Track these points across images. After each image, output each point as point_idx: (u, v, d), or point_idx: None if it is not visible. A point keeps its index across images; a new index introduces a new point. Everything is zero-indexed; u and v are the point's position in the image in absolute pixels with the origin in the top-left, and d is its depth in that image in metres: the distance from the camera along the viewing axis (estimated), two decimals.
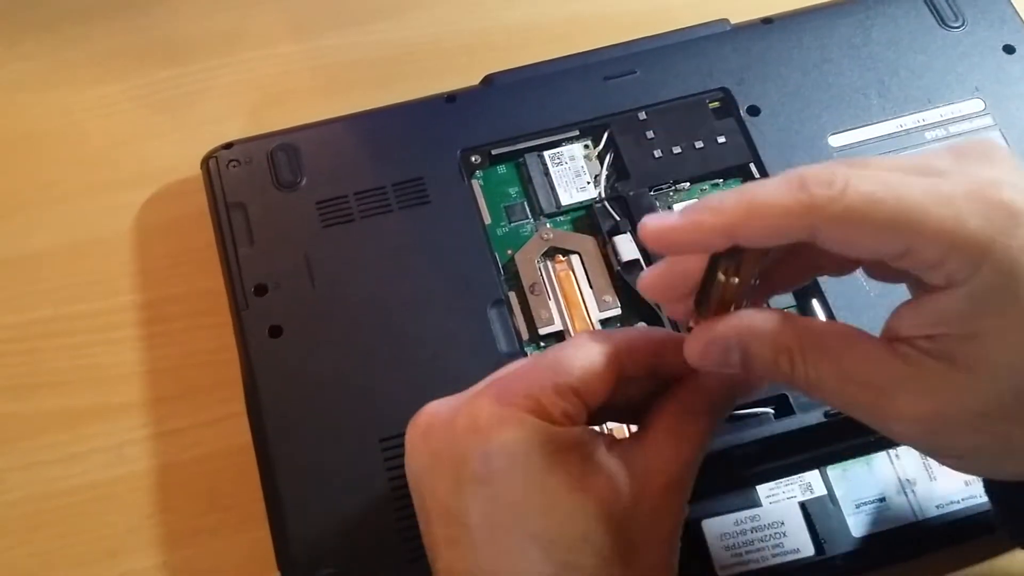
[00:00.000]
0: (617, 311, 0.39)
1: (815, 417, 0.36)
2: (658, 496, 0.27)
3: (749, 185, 0.25)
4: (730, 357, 0.26)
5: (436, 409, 0.29)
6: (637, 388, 0.29)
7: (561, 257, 0.41)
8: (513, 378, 0.28)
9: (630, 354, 0.28)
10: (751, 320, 0.26)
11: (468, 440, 0.27)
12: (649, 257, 0.40)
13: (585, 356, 0.28)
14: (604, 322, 0.39)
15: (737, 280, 0.26)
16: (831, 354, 0.25)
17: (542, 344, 0.39)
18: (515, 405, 0.27)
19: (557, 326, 0.39)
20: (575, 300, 0.40)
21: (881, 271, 0.27)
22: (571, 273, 0.40)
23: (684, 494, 0.28)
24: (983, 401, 0.24)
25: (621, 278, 0.40)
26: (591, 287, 0.40)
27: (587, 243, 0.41)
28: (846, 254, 0.25)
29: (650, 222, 0.26)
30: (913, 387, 0.24)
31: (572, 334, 0.39)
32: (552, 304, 0.39)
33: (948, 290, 0.24)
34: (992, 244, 0.23)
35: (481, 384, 0.29)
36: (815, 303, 0.39)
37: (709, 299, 0.26)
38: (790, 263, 0.28)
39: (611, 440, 0.28)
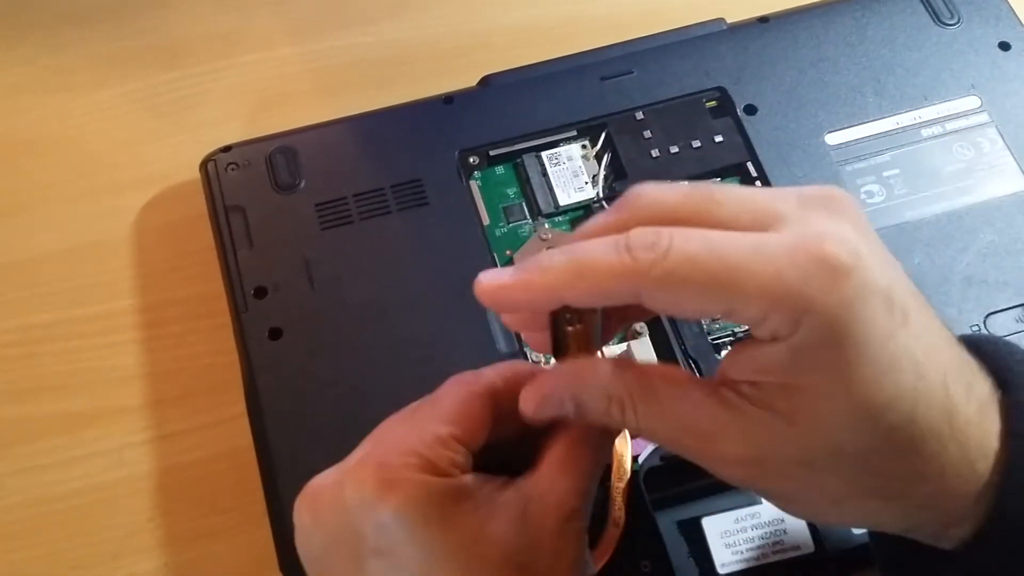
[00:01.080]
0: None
1: None
2: (557, 530, 0.26)
3: (580, 245, 0.25)
4: (564, 408, 0.27)
5: (320, 485, 0.28)
6: (515, 424, 0.28)
7: None
8: (392, 440, 0.27)
9: (503, 390, 0.28)
10: (581, 372, 0.26)
11: (360, 514, 0.26)
12: None
13: (457, 400, 0.27)
14: None
15: (581, 326, 0.26)
16: (660, 402, 0.26)
17: None
18: (400, 466, 0.26)
19: None
20: None
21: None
22: None
23: (583, 522, 0.27)
24: (800, 451, 0.25)
25: None
26: None
27: None
28: (672, 314, 0.26)
29: (484, 280, 0.26)
30: (734, 433, 0.25)
31: None
32: None
33: (773, 342, 0.24)
34: (811, 302, 0.23)
35: (360, 449, 0.28)
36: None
37: (560, 347, 0.27)
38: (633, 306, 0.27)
39: (503, 481, 0.27)
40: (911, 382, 0.24)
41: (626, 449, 0.35)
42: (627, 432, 0.35)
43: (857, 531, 0.35)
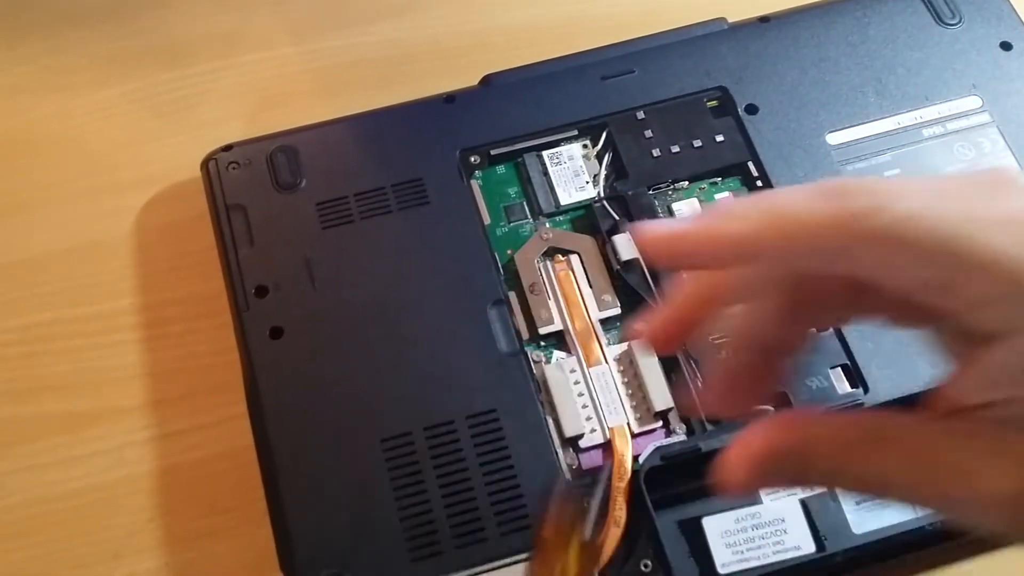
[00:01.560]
0: (616, 311, 0.39)
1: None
2: None
3: (769, 193, 0.21)
4: (782, 471, 0.22)
5: None
6: None
7: (561, 257, 0.41)
8: None
9: None
10: (807, 421, 0.22)
11: None
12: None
13: None
14: (604, 321, 0.39)
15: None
16: (898, 441, 0.21)
17: (542, 344, 0.39)
18: None
19: (557, 325, 0.39)
20: (575, 300, 0.40)
21: (908, 313, 0.22)
22: (571, 273, 0.40)
23: None
24: None
25: (620, 277, 0.40)
26: (591, 287, 0.40)
27: (586, 243, 0.41)
28: (878, 282, 0.20)
29: (652, 227, 0.22)
30: (997, 465, 0.20)
31: (572, 333, 0.39)
32: (552, 304, 0.40)
33: (1006, 339, 0.20)
34: None
35: None
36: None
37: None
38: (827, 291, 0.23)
39: None
40: None
41: (627, 449, 0.36)
42: (628, 432, 0.36)
43: (857, 531, 0.35)
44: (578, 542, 0.33)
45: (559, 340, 0.39)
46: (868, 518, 0.35)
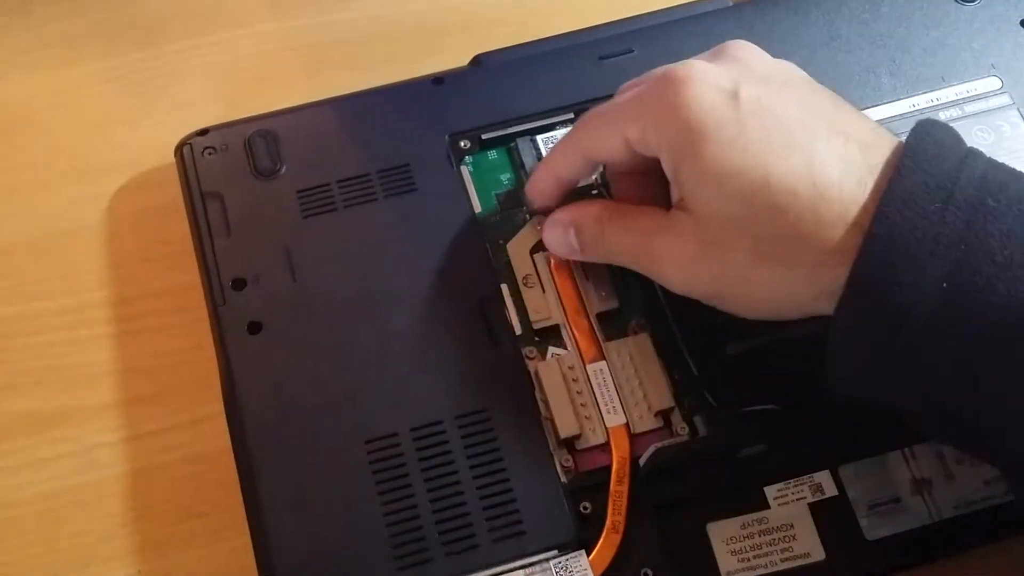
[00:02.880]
0: (615, 304, 0.39)
1: (824, 413, 0.36)
2: None
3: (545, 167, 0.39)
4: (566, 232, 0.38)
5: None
6: None
7: None
8: None
9: None
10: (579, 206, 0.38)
11: None
12: None
13: None
14: (602, 316, 0.39)
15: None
16: (624, 215, 0.36)
17: (537, 339, 0.39)
18: None
19: (553, 320, 0.39)
20: (571, 292, 0.39)
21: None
22: (567, 264, 0.40)
23: None
24: (701, 232, 0.33)
25: (620, 269, 0.39)
26: (588, 279, 0.39)
27: None
28: (597, 161, 0.38)
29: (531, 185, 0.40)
30: (668, 232, 0.34)
31: (569, 328, 0.39)
32: (547, 297, 0.39)
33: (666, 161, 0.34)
34: (664, 106, 0.33)
35: None
36: None
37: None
38: None
39: None
40: (757, 151, 0.31)
41: (626, 450, 0.36)
42: (627, 432, 0.36)
43: (871, 537, 0.35)
44: None
45: (555, 335, 0.39)
46: (882, 524, 0.35)
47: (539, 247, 0.40)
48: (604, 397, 0.37)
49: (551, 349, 0.38)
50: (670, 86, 0.33)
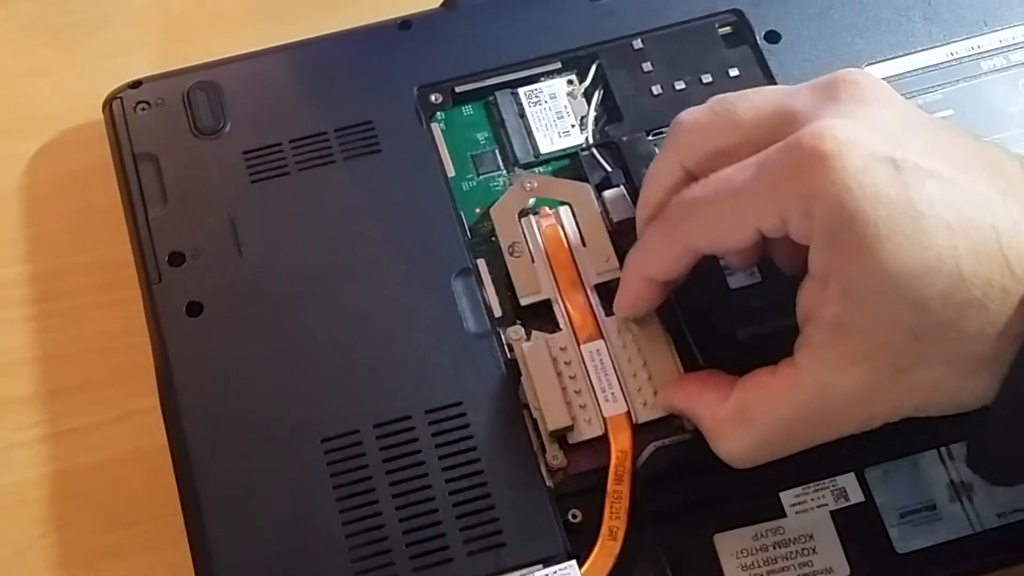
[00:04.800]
0: (617, 274, 0.38)
1: None
2: None
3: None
4: None
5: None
6: None
7: (548, 210, 0.39)
8: None
9: None
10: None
11: None
12: None
13: None
14: (600, 287, 0.38)
15: None
16: None
17: (519, 321, 0.38)
18: None
19: (544, 294, 0.38)
20: (566, 262, 0.38)
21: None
22: (560, 229, 0.39)
23: None
24: (850, 345, 0.29)
25: (621, 234, 0.39)
26: (585, 245, 0.38)
27: (581, 192, 0.40)
28: (720, 251, 0.34)
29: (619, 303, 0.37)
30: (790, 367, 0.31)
31: (562, 303, 0.38)
32: (537, 267, 0.38)
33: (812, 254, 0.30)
34: (809, 189, 0.29)
35: None
36: None
37: None
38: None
39: None
40: (943, 242, 0.28)
41: (626, 444, 0.35)
42: (629, 422, 0.36)
43: (901, 549, 0.34)
44: None
45: (544, 316, 0.38)
46: (915, 534, 0.34)
47: (527, 211, 0.40)
48: (601, 382, 0.36)
49: (535, 333, 0.37)
50: (817, 162, 0.29)
